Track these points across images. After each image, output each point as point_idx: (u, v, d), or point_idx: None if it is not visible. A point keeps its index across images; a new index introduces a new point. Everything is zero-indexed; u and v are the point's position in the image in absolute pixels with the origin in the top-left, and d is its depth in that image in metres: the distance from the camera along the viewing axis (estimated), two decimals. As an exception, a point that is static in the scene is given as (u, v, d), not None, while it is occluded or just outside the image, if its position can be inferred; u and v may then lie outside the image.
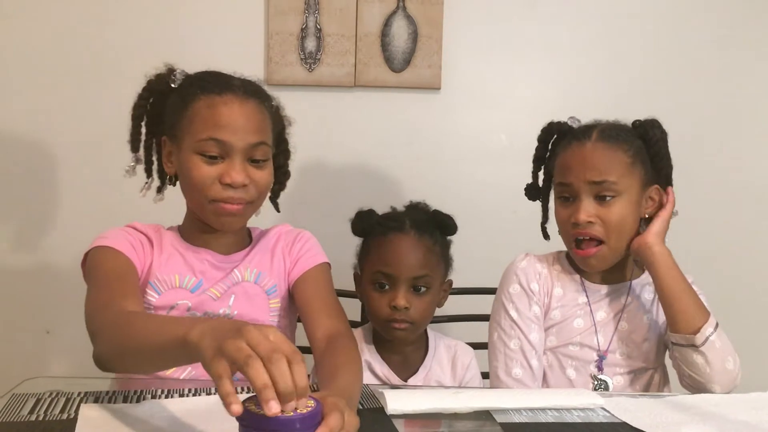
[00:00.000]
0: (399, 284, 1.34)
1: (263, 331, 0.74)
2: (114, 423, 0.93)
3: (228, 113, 1.20)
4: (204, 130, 1.19)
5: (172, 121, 1.25)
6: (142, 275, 1.24)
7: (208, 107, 1.20)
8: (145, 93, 1.30)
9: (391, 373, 1.39)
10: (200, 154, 1.20)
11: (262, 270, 1.31)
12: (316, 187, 2.08)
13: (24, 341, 2.07)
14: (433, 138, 2.14)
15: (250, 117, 1.22)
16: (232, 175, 1.19)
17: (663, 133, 1.38)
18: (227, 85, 1.23)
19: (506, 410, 1.08)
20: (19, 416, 0.96)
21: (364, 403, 1.08)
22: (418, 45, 2.07)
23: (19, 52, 2.02)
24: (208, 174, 1.20)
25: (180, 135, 1.23)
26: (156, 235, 1.29)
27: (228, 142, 1.19)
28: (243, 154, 1.20)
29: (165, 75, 1.29)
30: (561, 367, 1.38)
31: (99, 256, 1.20)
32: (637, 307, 1.39)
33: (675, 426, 1.02)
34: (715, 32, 2.17)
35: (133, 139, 1.31)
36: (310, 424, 0.71)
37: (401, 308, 1.33)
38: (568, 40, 2.14)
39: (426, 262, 1.36)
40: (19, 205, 2.07)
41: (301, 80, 2.05)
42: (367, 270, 1.40)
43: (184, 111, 1.22)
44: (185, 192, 1.27)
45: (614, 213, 1.31)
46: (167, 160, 1.28)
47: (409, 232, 1.37)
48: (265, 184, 1.25)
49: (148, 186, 1.34)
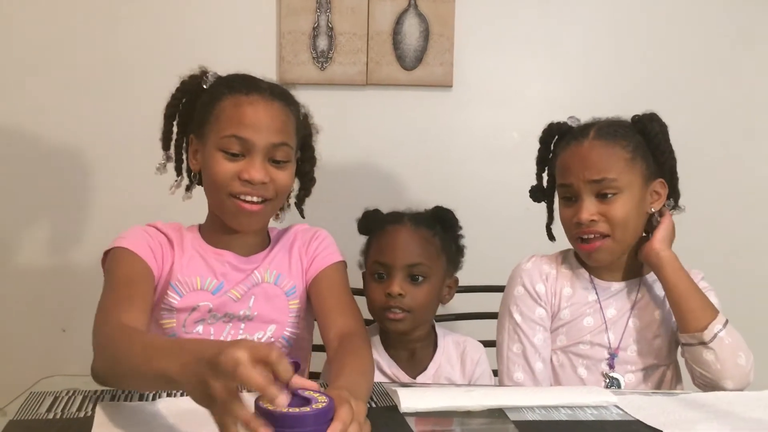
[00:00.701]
0: (394, 272, 1.36)
1: (236, 358, 0.71)
2: (130, 421, 0.94)
3: (252, 112, 1.22)
4: (228, 128, 1.21)
5: (199, 120, 1.27)
6: (162, 277, 1.24)
7: (233, 106, 1.23)
8: (178, 93, 1.33)
9: (399, 371, 1.40)
10: (222, 150, 1.21)
11: (282, 271, 1.32)
12: (328, 185, 2.06)
13: (40, 339, 2.09)
14: (445, 136, 2.14)
15: (274, 117, 1.23)
16: (251, 173, 1.20)
17: (662, 126, 1.37)
18: (254, 87, 1.25)
19: (519, 408, 1.08)
20: (37, 414, 0.97)
21: (377, 401, 1.08)
22: (429, 43, 2.07)
23: (47, 51, 2.04)
24: (228, 170, 1.21)
25: (206, 133, 1.25)
26: (177, 235, 1.29)
27: (250, 140, 1.20)
28: (264, 153, 1.21)
29: (198, 76, 1.32)
30: (572, 366, 1.38)
31: (116, 258, 1.21)
32: (648, 304, 1.39)
33: (689, 424, 1.01)
34: (727, 28, 2.15)
35: (165, 138, 1.34)
36: (324, 420, 0.72)
37: (395, 295, 1.34)
38: (580, 37, 2.14)
39: (421, 251, 1.37)
40: (38, 205, 2.09)
41: (313, 79, 2.06)
42: (367, 264, 1.43)
43: (211, 110, 1.25)
44: (206, 190, 1.29)
45: (617, 210, 1.30)
46: (193, 158, 1.30)
47: (405, 224, 1.40)
48: (284, 184, 1.26)
49: (177, 184, 1.35)
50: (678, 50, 2.15)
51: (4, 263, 2.08)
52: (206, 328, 1.25)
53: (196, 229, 1.34)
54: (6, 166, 2.07)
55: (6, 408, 1.00)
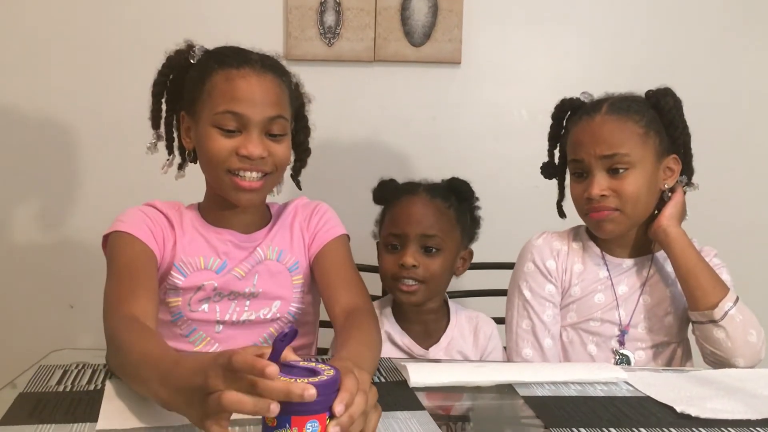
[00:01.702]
0: (408, 243, 1.35)
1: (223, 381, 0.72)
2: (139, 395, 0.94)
3: (246, 86, 1.19)
4: (221, 104, 1.19)
5: (190, 96, 1.25)
6: (164, 258, 1.23)
7: (225, 81, 1.20)
8: (164, 69, 1.30)
9: (412, 342, 1.39)
10: (217, 127, 1.19)
11: (284, 247, 1.31)
12: (335, 162, 2.08)
13: (48, 315, 2.10)
14: (453, 113, 2.12)
15: (267, 90, 1.21)
16: (249, 148, 1.18)
17: (677, 101, 1.36)
18: (245, 59, 1.22)
19: (529, 384, 1.08)
20: (48, 386, 0.97)
21: (386, 377, 1.08)
22: (438, 19, 2.05)
23: (39, 31, 2.02)
24: (225, 147, 1.19)
25: (198, 109, 1.23)
26: (176, 214, 1.28)
27: (245, 115, 1.18)
28: (260, 127, 1.20)
29: (184, 51, 1.28)
30: (582, 343, 1.37)
31: (117, 244, 1.20)
32: (660, 280, 1.38)
33: (700, 400, 1.01)
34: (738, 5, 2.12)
35: (154, 116, 1.31)
36: (331, 390, 0.72)
37: (408, 266, 1.34)
38: (590, 13, 2.11)
39: (436, 222, 1.36)
40: (43, 181, 2.08)
41: (320, 55, 2.04)
42: (382, 235, 1.42)
43: (201, 85, 1.22)
44: (203, 167, 1.27)
45: (629, 185, 1.29)
46: (186, 135, 1.28)
47: (420, 194, 1.39)
48: (282, 157, 1.24)
49: (169, 163, 1.34)
50: (691, 24, 2.13)
51: (11, 240, 2.08)
52: (212, 305, 1.24)
53: (195, 208, 1.33)
54: (8, 145, 2.06)
55: (16, 381, 1.00)
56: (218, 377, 0.72)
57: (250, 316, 1.26)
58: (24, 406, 0.90)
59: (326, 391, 0.71)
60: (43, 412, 0.88)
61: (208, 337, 1.25)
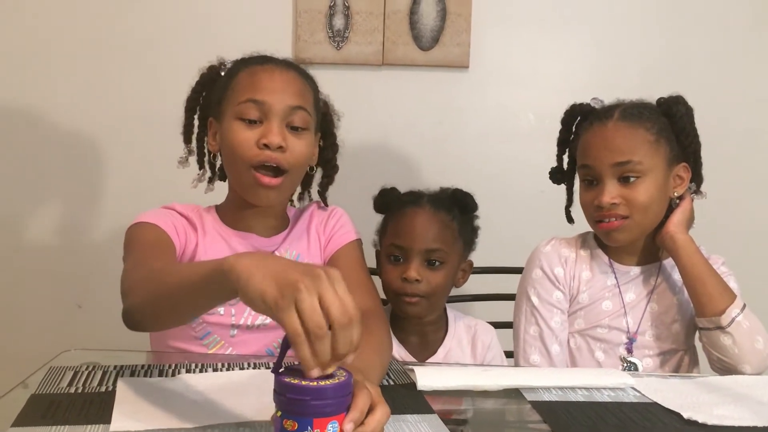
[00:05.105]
0: (412, 257, 1.35)
1: (334, 285, 0.69)
2: (151, 397, 0.95)
3: (268, 77, 1.22)
4: (243, 94, 1.21)
5: (217, 99, 1.27)
6: (184, 256, 1.24)
7: (249, 75, 1.23)
8: (197, 86, 1.33)
9: (407, 354, 1.39)
10: (240, 119, 1.21)
11: (301, 251, 1.32)
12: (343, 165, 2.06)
13: (56, 315, 2.10)
14: (461, 117, 2.13)
15: (290, 81, 1.23)
16: (269, 136, 1.19)
17: (688, 109, 1.36)
18: (269, 59, 1.27)
19: (536, 388, 1.08)
20: (59, 388, 0.98)
21: (395, 379, 1.09)
22: (446, 23, 2.05)
23: (59, 36, 2.03)
24: (247, 137, 1.20)
25: (223, 109, 1.25)
26: (197, 216, 1.29)
27: (266, 102, 1.20)
28: (281, 116, 1.21)
29: (216, 66, 1.33)
30: (589, 349, 1.38)
31: (138, 231, 1.20)
32: (667, 288, 1.38)
33: (707, 407, 1.01)
34: (750, 8, 2.12)
35: (186, 131, 1.34)
36: (343, 393, 0.72)
37: (412, 280, 1.34)
38: (597, 17, 2.11)
39: (440, 236, 1.36)
40: (51, 181, 2.09)
41: (329, 58, 2.05)
42: (383, 244, 1.42)
43: (227, 87, 1.25)
44: (226, 165, 1.28)
45: (639, 193, 1.29)
46: (212, 139, 1.30)
47: (424, 207, 1.39)
48: (301, 153, 1.24)
49: (200, 177, 1.35)
50: (699, 28, 2.12)
51: (19, 239, 2.09)
52: (227, 308, 1.24)
53: (213, 210, 1.33)
54: (16, 145, 2.07)
55: (27, 381, 1.01)
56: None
57: (265, 320, 1.26)
58: (37, 408, 0.91)
59: (338, 393, 0.71)
60: (56, 414, 0.88)
61: (222, 341, 1.26)
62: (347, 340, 0.69)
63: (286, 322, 0.68)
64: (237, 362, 1.13)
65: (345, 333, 0.69)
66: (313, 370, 0.69)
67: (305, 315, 0.67)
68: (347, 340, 0.69)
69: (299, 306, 0.67)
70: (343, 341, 0.69)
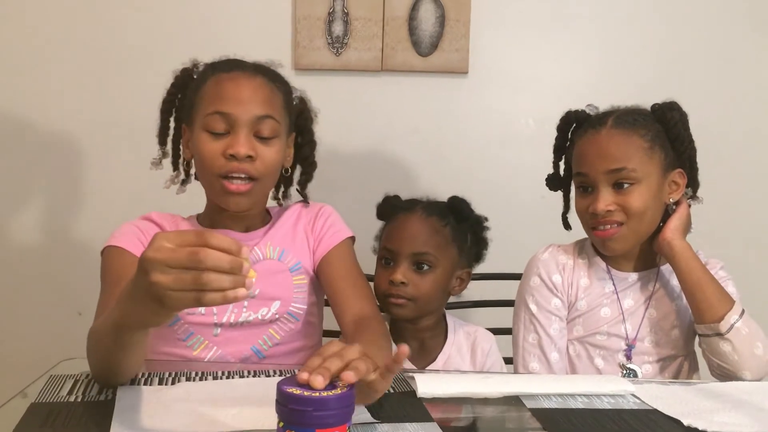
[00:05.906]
0: (400, 259, 1.36)
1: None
2: (151, 405, 0.95)
3: (233, 87, 1.21)
4: (210, 106, 1.21)
5: (188, 107, 1.27)
6: None
7: (215, 84, 1.23)
8: (172, 88, 1.33)
9: (406, 361, 1.39)
10: (207, 131, 1.21)
11: (285, 247, 1.31)
12: (342, 171, 2.09)
13: (56, 322, 2.10)
14: (460, 123, 2.13)
15: (256, 90, 1.22)
16: (235, 147, 1.18)
17: (683, 115, 1.36)
18: (236, 65, 1.25)
19: (536, 396, 1.08)
20: (59, 397, 0.98)
21: (395, 387, 1.09)
22: (445, 29, 2.06)
23: (46, 40, 2.04)
24: (214, 149, 1.20)
25: (193, 117, 1.25)
26: (172, 225, 1.30)
27: (232, 114, 1.19)
28: (248, 126, 1.20)
29: (189, 69, 1.32)
30: (589, 356, 1.37)
31: (107, 260, 1.23)
32: (665, 294, 1.38)
33: (707, 414, 1.01)
34: (747, 14, 2.13)
35: (161, 133, 1.34)
36: (346, 404, 0.73)
37: (397, 283, 1.34)
38: (597, 22, 2.12)
39: (429, 240, 1.36)
40: (51, 188, 2.10)
41: (328, 65, 2.05)
42: (379, 249, 1.43)
43: (195, 94, 1.25)
44: (198, 175, 1.29)
45: (634, 200, 1.29)
46: (185, 147, 1.30)
47: (416, 212, 1.39)
48: (271, 161, 1.23)
49: (172, 179, 1.35)
50: (700, 34, 2.13)
51: (19, 246, 2.10)
52: (208, 308, 1.23)
53: (194, 219, 1.34)
54: (16, 152, 2.08)
55: (27, 390, 1.01)
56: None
57: (248, 317, 1.26)
58: (36, 417, 0.91)
59: (341, 404, 0.72)
60: (55, 423, 0.88)
61: (206, 340, 1.25)
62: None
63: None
64: (237, 370, 1.12)
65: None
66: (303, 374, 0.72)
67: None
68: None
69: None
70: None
